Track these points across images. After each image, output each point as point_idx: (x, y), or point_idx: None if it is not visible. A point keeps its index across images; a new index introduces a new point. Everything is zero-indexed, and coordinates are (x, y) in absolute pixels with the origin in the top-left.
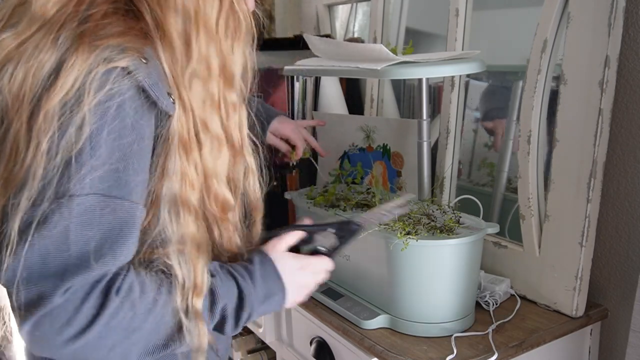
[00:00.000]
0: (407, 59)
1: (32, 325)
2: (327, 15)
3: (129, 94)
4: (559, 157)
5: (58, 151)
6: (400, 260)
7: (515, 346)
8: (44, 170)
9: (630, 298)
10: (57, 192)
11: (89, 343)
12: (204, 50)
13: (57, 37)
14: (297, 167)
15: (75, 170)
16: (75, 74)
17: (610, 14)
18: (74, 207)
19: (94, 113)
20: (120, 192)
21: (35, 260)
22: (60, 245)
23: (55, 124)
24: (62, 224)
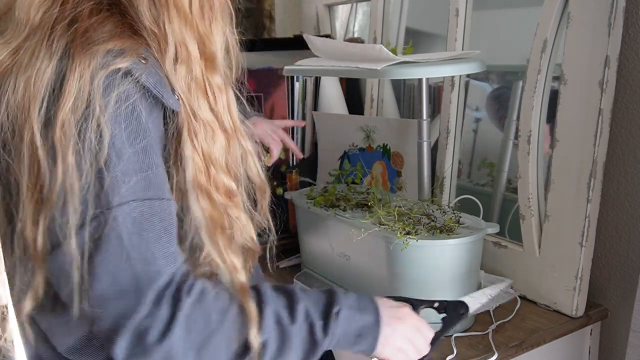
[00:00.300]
0: (407, 59)
1: (128, 341)
2: (327, 15)
3: (138, 95)
4: (559, 157)
5: (86, 163)
6: (400, 260)
7: (515, 346)
8: (80, 183)
9: (630, 298)
10: (100, 205)
11: (174, 347)
12: (178, 34)
13: (51, 43)
14: (297, 167)
15: (110, 180)
16: (79, 82)
17: (610, 14)
18: (120, 218)
19: (109, 120)
20: (155, 193)
21: (105, 280)
22: (121, 257)
23: (75, 135)
24: (115, 237)
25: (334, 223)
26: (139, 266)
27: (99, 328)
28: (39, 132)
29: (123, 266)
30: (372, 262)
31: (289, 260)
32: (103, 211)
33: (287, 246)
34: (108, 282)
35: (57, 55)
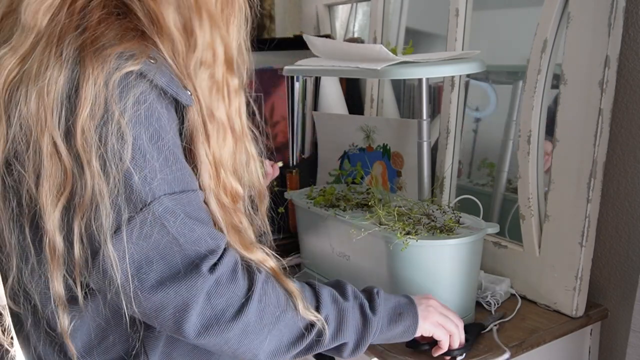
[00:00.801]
0: (407, 59)
1: (197, 320)
2: (327, 15)
3: (154, 95)
4: (559, 157)
5: (112, 166)
6: (400, 260)
7: (515, 346)
8: (109, 186)
9: (630, 298)
10: (135, 206)
11: (250, 323)
12: (208, 38)
13: (60, 51)
14: (297, 167)
15: (139, 180)
16: (94, 88)
17: (610, 14)
18: (159, 213)
19: (129, 122)
20: (183, 186)
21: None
22: (171, 245)
23: (96, 141)
24: (159, 230)
25: (333, 223)
26: (189, 247)
27: (162, 319)
28: (62, 142)
29: (175, 251)
30: (372, 262)
31: (289, 260)
32: (140, 210)
33: (287, 246)
34: (164, 270)
35: (67, 64)
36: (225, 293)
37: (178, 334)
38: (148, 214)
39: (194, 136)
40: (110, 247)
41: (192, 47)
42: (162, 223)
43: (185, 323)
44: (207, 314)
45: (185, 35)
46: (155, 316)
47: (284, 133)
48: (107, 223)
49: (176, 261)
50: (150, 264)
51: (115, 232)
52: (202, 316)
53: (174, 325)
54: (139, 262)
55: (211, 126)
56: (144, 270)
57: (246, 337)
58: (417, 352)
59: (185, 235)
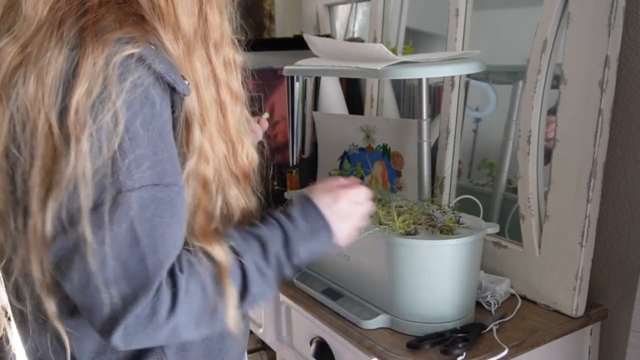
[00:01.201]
0: (407, 59)
1: (133, 321)
2: (327, 15)
3: (150, 80)
4: (559, 157)
5: (101, 147)
6: (400, 260)
7: (515, 346)
8: (93, 167)
9: (630, 298)
10: (113, 189)
11: (179, 323)
12: (218, 18)
13: (61, 34)
14: (297, 167)
15: (123, 164)
16: (93, 69)
17: (610, 14)
18: (133, 203)
19: (123, 105)
20: (167, 179)
21: (113, 265)
22: (131, 243)
23: (89, 120)
24: (125, 221)
25: None
26: (148, 252)
27: (99, 315)
28: (55, 120)
29: (133, 251)
30: (372, 262)
31: None
32: (115, 196)
33: None
34: (116, 267)
35: (68, 45)
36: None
37: (99, 332)
38: (121, 201)
39: (189, 122)
40: (79, 229)
41: (206, 31)
42: (131, 217)
43: (115, 330)
44: (135, 328)
45: (198, 17)
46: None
47: (284, 133)
48: (84, 203)
49: (132, 263)
50: (107, 258)
51: (89, 213)
52: (129, 330)
53: (103, 327)
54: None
55: (208, 112)
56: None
57: (176, 334)
58: (417, 352)
59: (149, 237)
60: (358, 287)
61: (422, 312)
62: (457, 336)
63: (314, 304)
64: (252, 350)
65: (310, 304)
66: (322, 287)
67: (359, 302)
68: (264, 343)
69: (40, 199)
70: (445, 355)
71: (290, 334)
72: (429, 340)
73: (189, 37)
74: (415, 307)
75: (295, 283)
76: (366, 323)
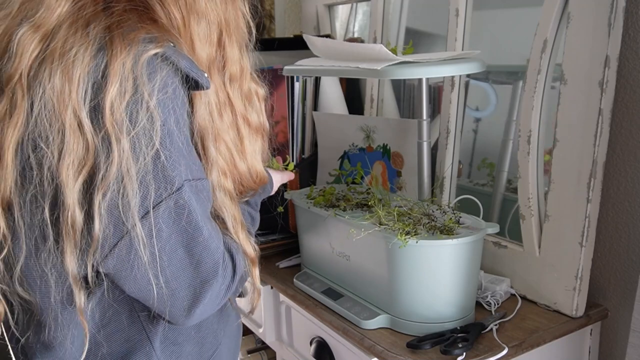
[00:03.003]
0: (407, 59)
1: (208, 301)
2: (327, 15)
3: (178, 79)
4: (559, 157)
5: (142, 146)
6: (400, 260)
7: (515, 346)
8: (137, 166)
9: (630, 298)
10: (165, 187)
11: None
12: (237, 54)
13: (87, 32)
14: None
15: (168, 162)
16: (122, 69)
17: (610, 14)
18: (186, 198)
19: (157, 104)
20: (198, 173)
21: (180, 255)
22: (194, 233)
23: (126, 120)
24: (187, 215)
25: (333, 223)
26: (209, 238)
27: (176, 306)
28: (87, 117)
29: (197, 240)
30: (372, 262)
31: (289, 260)
32: (170, 194)
33: (287, 246)
34: (183, 259)
35: (95, 44)
36: (227, 288)
37: (175, 320)
38: (178, 198)
39: (203, 136)
40: (138, 229)
41: (223, 62)
42: (190, 209)
43: (192, 313)
44: (209, 306)
45: (216, 48)
46: (163, 303)
47: (284, 133)
48: (134, 204)
49: (197, 250)
50: (176, 251)
51: (144, 216)
52: (205, 308)
53: (181, 312)
54: (163, 248)
55: (223, 133)
56: (167, 256)
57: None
58: (417, 352)
59: (206, 225)
60: (358, 287)
61: (422, 312)
62: (457, 336)
63: (314, 304)
64: (252, 350)
65: (310, 304)
66: (322, 287)
67: (359, 302)
68: (263, 343)
69: (78, 194)
70: (445, 355)
71: (290, 334)
72: (429, 340)
73: (203, 64)
74: (415, 307)
75: (295, 283)
76: (366, 323)
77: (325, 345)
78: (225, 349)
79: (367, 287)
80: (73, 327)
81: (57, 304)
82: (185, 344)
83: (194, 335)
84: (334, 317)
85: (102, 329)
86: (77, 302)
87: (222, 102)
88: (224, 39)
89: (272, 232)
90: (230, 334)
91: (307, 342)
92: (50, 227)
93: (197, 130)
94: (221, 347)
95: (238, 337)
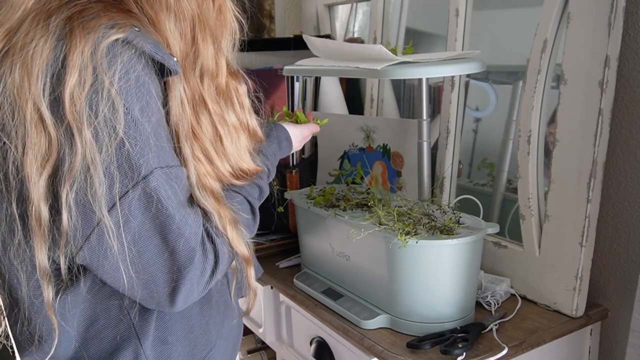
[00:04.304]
0: (407, 59)
1: (189, 286)
2: (327, 15)
3: (141, 64)
4: (559, 157)
5: (105, 136)
6: (400, 261)
7: (515, 346)
8: (101, 156)
9: (630, 298)
10: (132, 177)
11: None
12: (212, 50)
13: (47, 24)
14: (297, 167)
15: (134, 150)
16: (81, 57)
17: (610, 14)
18: (154, 186)
19: (119, 91)
20: (170, 160)
21: (153, 244)
22: (166, 221)
23: (87, 110)
24: (156, 203)
25: (333, 223)
26: (182, 225)
27: (157, 294)
28: (47, 110)
29: (170, 228)
30: (372, 262)
31: (289, 260)
32: (137, 183)
33: (287, 246)
34: (158, 246)
35: (54, 35)
36: (210, 273)
37: (161, 307)
38: (145, 187)
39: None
40: (107, 219)
41: (194, 58)
42: (159, 197)
43: (176, 300)
44: (192, 292)
45: (186, 43)
46: (145, 290)
47: None
48: (101, 193)
49: (172, 238)
50: (150, 238)
51: (112, 206)
52: (187, 294)
53: (164, 299)
54: (135, 236)
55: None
56: (141, 244)
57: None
58: (417, 352)
59: (178, 212)
60: (358, 287)
61: (422, 312)
62: (457, 336)
63: (314, 304)
64: (252, 350)
65: (310, 304)
66: (322, 287)
67: (359, 302)
68: (263, 343)
69: (43, 189)
70: (445, 355)
71: (290, 334)
72: (429, 340)
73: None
74: (415, 307)
75: (295, 283)
76: (366, 323)
77: (325, 345)
78: (221, 351)
79: (367, 287)
80: (48, 322)
81: (28, 298)
82: (177, 344)
83: (186, 335)
84: (334, 317)
85: (91, 326)
86: (45, 297)
87: (197, 99)
88: (197, 34)
89: (272, 232)
90: (228, 336)
91: (307, 342)
92: (17, 221)
93: (172, 125)
94: (216, 349)
95: (236, 340)
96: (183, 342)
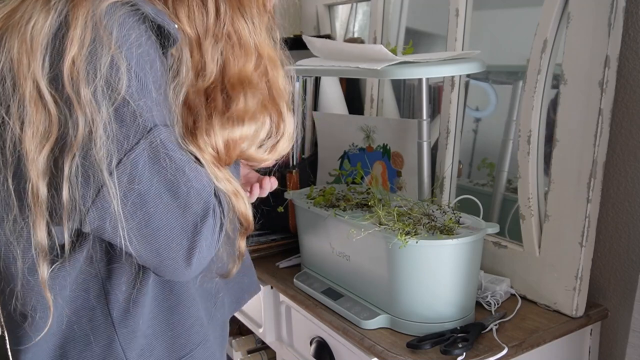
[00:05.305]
0: (407, 59)
1: (205, 246)
2: (327, 15)
3: (143, 27)
4: (559, 157)
5: (106, 96)
6: (400, 261)
7: (515, 346)
8: (102, 117)
9: (630, 298)
10: (137, 132)
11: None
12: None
13: (47, 1)
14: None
15: (136, 107)
16: (82, 21)
17: (610, 14)
18: (161, 139)
19: (120, 51)
20: (167, 122)
21: (166, 199)
22: (176, 174)
23: (84, 75)
24: (164, 157)
25: (333, 223)
26: (193, 178)
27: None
28: (46, 87)
29: (180, 181)
30: (372, 262)
31: (289, 260)
32: (143, 138)
33: (287, 246)
34: (170, 201)
35: (55, 11)
36: (219, 229)
37: (176, 273)
38: (152, 140)
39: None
40: (114, 180)
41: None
42: (166, 150)
43: (191, 262)
44: (206, 251)
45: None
46: (157, 254)
47: None
48: (106, 155)
49: (184, 192)
50: (159, 196)
51: (118, 163)
52: (202, 254)
53: (180, 263)
54: (145, 194)
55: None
56: (152, 203)
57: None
58: (417, 352)
59: (189, 164)
60: (358, 287)
61: (422, 312)
62: (457, 336)
63: (314, 304)
64: (252, 350)
65: (310, 304)
66: (322, 287)
67: (359, 302)
68: (263, 343)
69: (42, 165)
70: (445, 355)
71: (290, 334)
72: (429, 340)
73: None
74: (415, 307)
75: (295, 283)
76: (366, 323)
77: (325, 345)
78: (207, 354)
79: (367, 287)
80: (41, 299)
81: (22, 274)
82: (153, 339)
83: (163, 330)
84: (334, 317)
85: (71, 303)
86: (40, 273)
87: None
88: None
89: (272, 232)
90: (214, 339)
91: (307, 342)
92: (13, 196)
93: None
94: (197, 351)
95: (223, 342)
96: (160, 338)
